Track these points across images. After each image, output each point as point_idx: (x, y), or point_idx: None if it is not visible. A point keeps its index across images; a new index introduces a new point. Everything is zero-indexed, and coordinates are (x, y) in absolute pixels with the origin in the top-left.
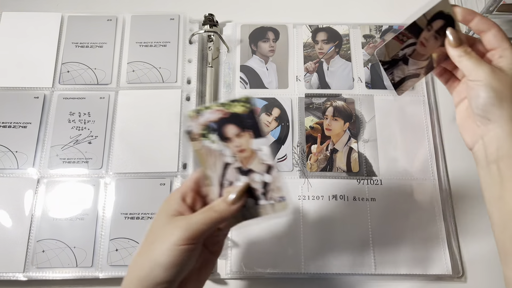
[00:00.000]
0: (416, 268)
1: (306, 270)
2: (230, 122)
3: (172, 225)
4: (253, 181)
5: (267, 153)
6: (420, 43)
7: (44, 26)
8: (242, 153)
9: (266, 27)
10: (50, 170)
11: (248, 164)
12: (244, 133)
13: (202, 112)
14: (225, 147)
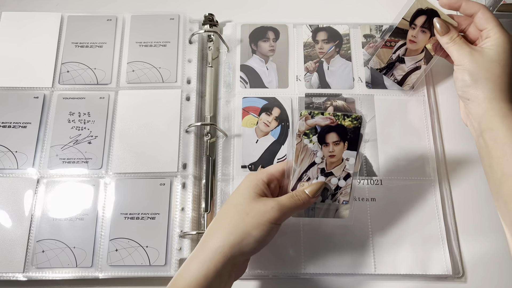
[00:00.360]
0: (416, 268)
1: (306, 270)
2: (334, 130)
3: (265, 204)
4: (328, 182)
5: (351, 163)
6: (409, 41)
7: (44, 26)
8: (331, 158)
9: (266, 27)
10: (50, 170)
11: (331, 168)
12: (341, 142)
13: (314, 115)
14: (319, 149)
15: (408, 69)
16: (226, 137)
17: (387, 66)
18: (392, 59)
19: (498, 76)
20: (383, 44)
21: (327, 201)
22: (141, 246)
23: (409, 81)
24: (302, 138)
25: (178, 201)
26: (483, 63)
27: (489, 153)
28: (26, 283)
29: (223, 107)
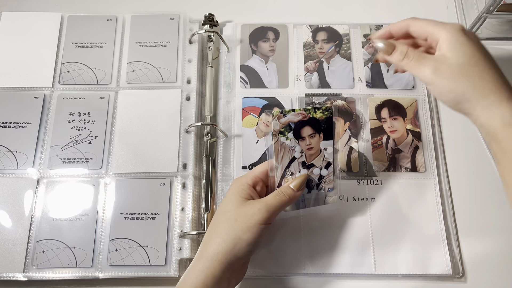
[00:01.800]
0: (416, 268)
1: (306, 270)
2: (308, 124)
3: (252, 207)
4: (311, 174)
5: (330, 152)
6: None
7: (44, 26)
8: (310, 151)
9: (266, 27)
10: (50, 170)
11: (311, 160)
12: (316, 134)
13: (286, 113)
14: (297, 144)
15: (410, 154)
16: (226, 137)
17: (390, 163)
18: (389, 155)
19: (480, 77)
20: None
21: (313, 191)
22: (141, 246)
23: (419, 162)
24: (278, 136)
25: (178, 201)
26: (456, 72)
27: (500, 165)
28: (26, 283)
29: (223, 107)
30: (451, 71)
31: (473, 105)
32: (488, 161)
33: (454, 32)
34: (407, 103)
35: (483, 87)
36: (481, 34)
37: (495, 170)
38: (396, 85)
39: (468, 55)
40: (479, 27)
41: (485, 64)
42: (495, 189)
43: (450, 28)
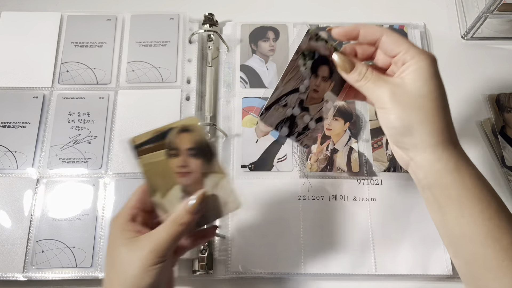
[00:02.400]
0: (417, 268)
1: (306, 270)
2: (328, 64)
3: (137, 248)
4: (300, 119)
5: (329, 108)
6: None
7: (43, 25)
8: (314, 93)
9: (266, 27)
10: (50, 170)
11: (310, 103)
12: (329, 81)
13: (319, 40)
14: (307, 77)
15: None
16: (226, 137)
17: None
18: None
19: (434, 114)
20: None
21: (292, 137)
22: None
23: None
24: (299, 56)
25: None
26: (411, 101)
27: (442, 210)
28: (25, 283)
29: (223, 107)
30: (407, 99)
31: (415, 141)
32: (488, 161)
33: (426, 61)
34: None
35: (434, 125)
36: (481, 34)
37: (495, 170)
38: None
39: (429, 89)
40: (479, 26)
41: (441, 103)
42: (495, 189)
43: (424, 56)
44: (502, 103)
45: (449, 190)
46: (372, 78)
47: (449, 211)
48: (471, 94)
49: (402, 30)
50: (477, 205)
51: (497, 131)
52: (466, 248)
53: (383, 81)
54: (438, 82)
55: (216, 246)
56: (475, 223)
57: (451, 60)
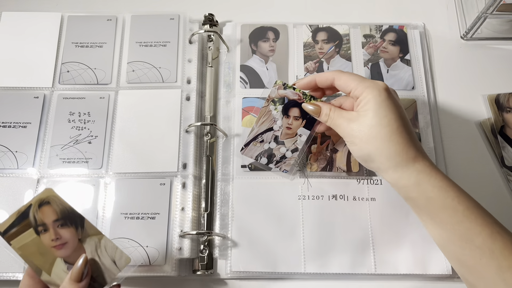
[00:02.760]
0: (416, 268)
1: (306, 270)
2: (298, 106)
3: None
4: (277, 150)
5: (303, 140)
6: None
7: (44, 26)
8: (287, 130)
9: (266, 27)
10: (50, 170)
11: (284, 138)
12: (300, 119)
13: (287, 87)
14: (280, 118)
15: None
16: (226, 137)
17: None
18: None
19: (388, 139)
20: None
21: (271, 165)
22: (141, 246)
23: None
24: (269, 103)
25: (178, 201)
26: (365, 132)
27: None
28: None
29: (223, 107)
30: (362, 130)
31: (378, 166)
32: (487, 161)
33: (373, 92)
34: (406, 103)
35: (390, 149)
36: (480, 34)
37: (495, 170)
38: (396, 86)
39: (379, 117)
40: (479, 27)
41: (395, 127)
42: (495, 189)
43: (371, 87)
44: (501, 103)
45: (417, 202)
46: (334, 116)
47: (424, 220)
48: (470, 94)
49: (402, 30)
50: (443, 212)
51: (497, 131)
52: (449, 251)
53: (342, 118)
54: (388, 108)
55: (216, 246)
56: (447, 229)
57: (451, 60)
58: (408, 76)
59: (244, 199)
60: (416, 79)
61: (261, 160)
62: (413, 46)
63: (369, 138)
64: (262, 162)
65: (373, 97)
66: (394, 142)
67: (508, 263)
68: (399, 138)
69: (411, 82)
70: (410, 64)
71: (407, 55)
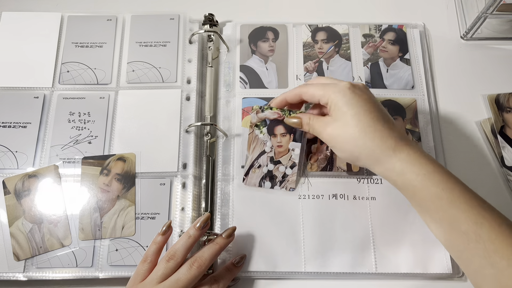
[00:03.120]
0: (417, 267)
1: (306, 269)
2: (281, 124)
3: None
4: (277, 170)
5: (297, 153)
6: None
7: (44, 26)
8: (279, 148)
9: (265, 27)
10: None
11: (279, 157)
12: (287, 134)
13: (264, 110)
14: (268, 140)
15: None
16: (226, 137)
17: None
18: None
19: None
20: None
21: (276, 187)
22: (141, 246)
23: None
24: (253, 129)
25: (178, 201)
26: (340, 134)
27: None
28: (26, 283)
29: (223, 107)
30: (337, 135)
31: (364, 163)
32: (487, 161)
33: (337, 95)
34: (406, 103)
35: (366, 145)
36: (481, 34)
37: (495, 170)
38: (396, 85)
39: (349, 116)
40: (479, 27)
41: (368, 120)
42: (494, 189)
43: (334, 91)
44: (501, 103)
45: (405, 192)
46: (313, 124)
47: (416, 210)
48: (470, 94)
49: (401, 30)
50: (428, 200)
51: (497, 131)
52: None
53: (320, 124)
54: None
55: None
56: (434, 216)
57: (451, 60)
58: (407, 76)
59: (244, 199)
60: (416, 78)
61: (265, 185)
62: (413, 46)
63: (345, 139)
64: (266, 187)
65: (339, 100)
66: (369, 137)
67: (495, 247)
68: (373, 132)
69: (410, 81)
70: (409, 63)
71: (407, 55)
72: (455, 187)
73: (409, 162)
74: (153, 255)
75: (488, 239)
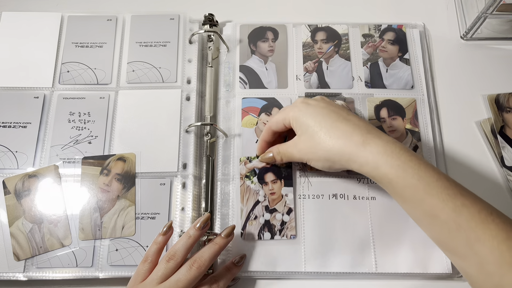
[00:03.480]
0: (417, 267)
1: (306, 269)
2: (270, 171)
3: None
4: (274, 219)
5: (291, 198)
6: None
7: (44, 26)
8: (272, 196)
9: (265, 27)
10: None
11: (274, 204)
12: (278, 181)
13: (252, 159)
14: (260, 188)
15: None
16: (226, 137)
17: None
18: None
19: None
20: None
21: (276, 237)
22: (141, 246)
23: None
24: (244, 180)
25: (178, 201)
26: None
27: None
28: (26, 283)
29: (223, 107)
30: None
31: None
32: (487, 161)
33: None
34: (406, 103)
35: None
36: (480, 34)
37: (495, 170)
38: (395, 85)
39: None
40: (479, 27)
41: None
42: (494, 189)
43: (291, 109)
44: (501, 103)
45: (382, 184)
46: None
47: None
48: (470, 94)
49: (401, 29)
50: (405, 192)
51: (497, 131)
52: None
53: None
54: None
55: None
56: (413, 207)
57: (451, 60)
58: (407, 75)
59: None
60: (415, 78)
61: (265, 237)
62: (412, 46)
63: (314, 148)
64: (266, 238)
65: (297, 115)
66: (335, 137)
67: (476, 235)
68: (337, 132)
69: (410, 81)
70: (409, 63)
71: (406, 54)
72: (431, 176)
73: (381, 153)
74: (154, 255)
75: (468, 227)
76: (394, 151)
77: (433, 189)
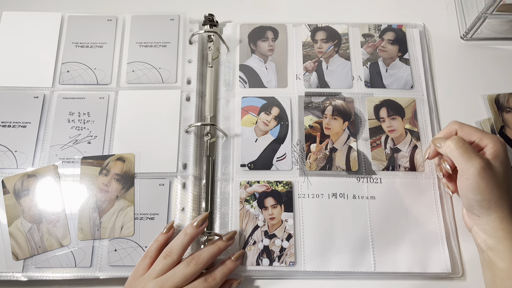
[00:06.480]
0: (416, 267)
1: (305, 268)
2: (270, 195)
3: None
4: (273, 245)
5: (291, 224)
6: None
7: (44, 26)
8: (272, 221)
9: (265, 27)
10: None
11: (273, 230)
12: (278, 205)
13: (252, 183)
14: (260, 213)
15: (409, 153)
16: (226, 137)
17: (389, 162)
18: (388, 154)
19: (506, 191)
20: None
21: (275, 263)
22: (140, 246)
23: (418, 162)
24: (244, 204)
25: (178, 201)
26: (493, 179)
27: (493, 271)
28: (26, 283)
29: (223, 107)
30: (490, 176)
31: (491, 213)
32: None
33: (499, 143)
34: (405, 102)
35: (505, 200)
36: (480, 34)
37: None
38: (395, 85)
39: (505, 167)
40: (479, 27)
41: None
42: None
43: (496, 139)
44: (501, 103)
45: (503, 254)
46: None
47: (499, 273)
48: (470, 95)
49: (401, 29)
50: None
51: (497, 131)
52: None
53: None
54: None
55: None
56: None
57: (451, 61)
58: (407, 75)
59: None
60: (415, 78)
61: (263, 263)
62: (412, 46)
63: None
64: (264, 264)
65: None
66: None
67: None
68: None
69: (409, 81)
70: (408, 63)
71: (406, 54)
72: None
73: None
74: (154, 252)
75: None
76: None
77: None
